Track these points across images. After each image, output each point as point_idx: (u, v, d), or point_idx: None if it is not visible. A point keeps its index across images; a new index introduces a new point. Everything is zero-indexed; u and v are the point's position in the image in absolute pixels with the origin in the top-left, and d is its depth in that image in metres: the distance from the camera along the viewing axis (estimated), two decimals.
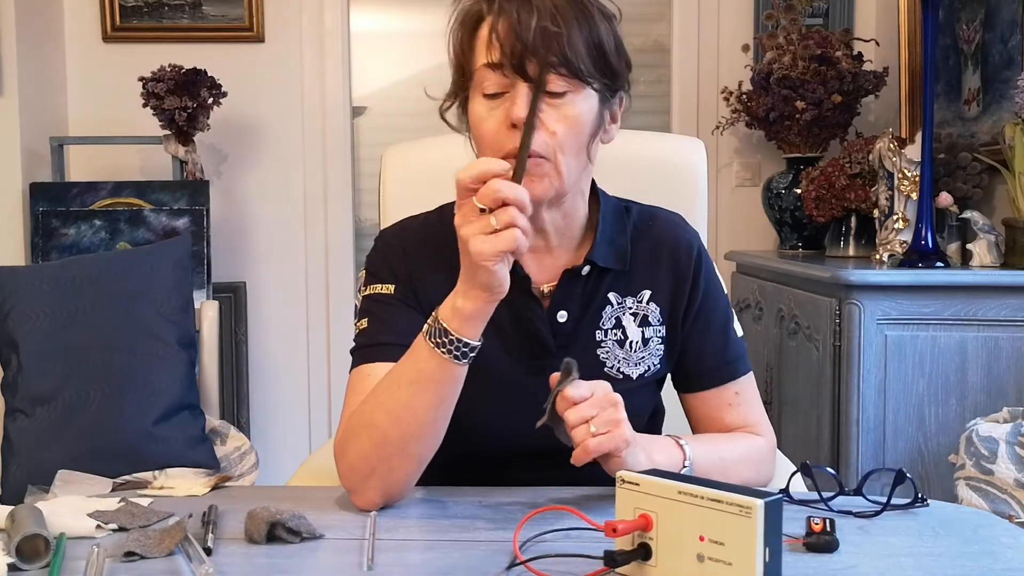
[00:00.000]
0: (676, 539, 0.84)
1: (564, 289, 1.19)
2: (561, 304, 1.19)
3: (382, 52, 3.35)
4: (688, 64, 3.22)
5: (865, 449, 2.04)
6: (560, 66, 1.08)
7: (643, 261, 1.23)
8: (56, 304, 1.38)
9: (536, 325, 1.18)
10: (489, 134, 1.11)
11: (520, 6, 1.08)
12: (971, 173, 2.36)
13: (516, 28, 1.07)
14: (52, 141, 2.95)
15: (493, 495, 1.13)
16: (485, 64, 1.10)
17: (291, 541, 0.97)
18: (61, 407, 1.32)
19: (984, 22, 2.44)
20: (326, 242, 3.24)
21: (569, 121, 1.10)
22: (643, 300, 1.22)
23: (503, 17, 1.09)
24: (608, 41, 1.12)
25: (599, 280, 1.21)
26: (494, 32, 1.09)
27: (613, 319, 1.21)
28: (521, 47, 1.07)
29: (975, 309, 2.02)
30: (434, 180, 1.62)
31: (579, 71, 1.09)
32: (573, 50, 1.08)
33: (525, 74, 1.07)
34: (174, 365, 1.39)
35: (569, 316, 1.19)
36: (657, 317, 1.22)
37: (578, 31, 1.09)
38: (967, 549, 0.96)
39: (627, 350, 1.21)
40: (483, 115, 1.12)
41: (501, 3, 1.10)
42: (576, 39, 1.08)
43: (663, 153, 1.65)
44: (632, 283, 1.22)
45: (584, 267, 1.19)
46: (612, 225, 1.22)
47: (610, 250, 1.21)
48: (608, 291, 1.21)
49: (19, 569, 0.91)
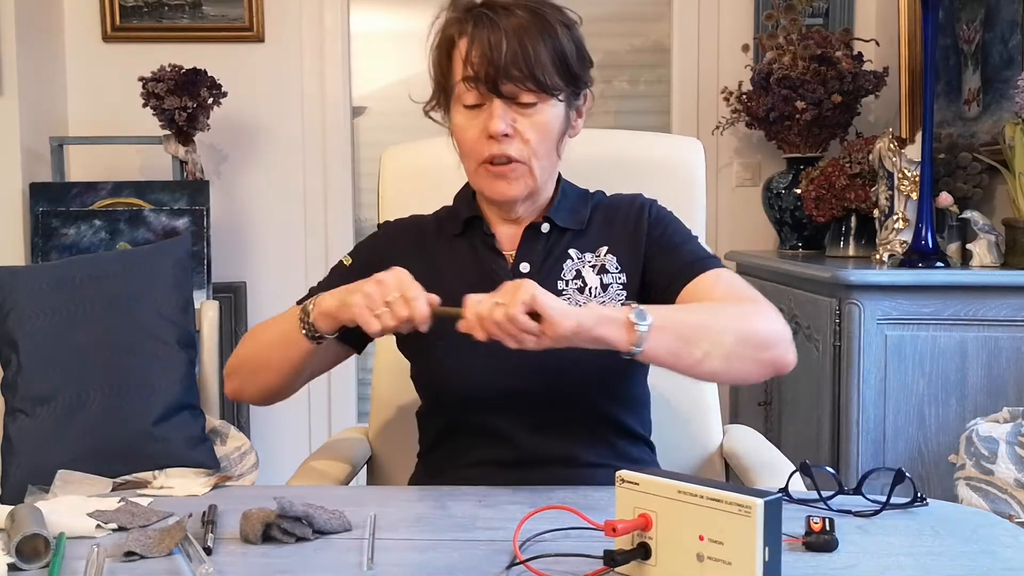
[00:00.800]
0: (676, 538, 0.84)
1: (526, 245, 1.34)
2: (524, 258, 1.33)
3: (382, 52, 3.35)
4: (688, 64, 3.22)
5: (865, 449, 2.04)
6: (529, 82, 1.22)
7: (600, 224, 1.36)
8: (56, 304, 1.38)
9: (499, 276, 1.28)
10: (469, 142, 1.28)
11: (490, 30, 1.22)
12: (971, 173, 2.36)
13: (487, 53, 1.21)
14: (52, 141, 2.95)
15: (493, 495, 1.13)
16: (462, 79, 1.25)
17: (286, 541, 0.97)
18: (61, 407, 1.32)
19: (984, 22, 2.44)
20: (326, 242, 3.24)
21: (539, 127, 1.26)
22: (600, 254, 1.33)
23: (475, 42, 1.23)
24: (571, 50, 1.26)
25: (559, 239, 1.34)
26: (468, 56, 1.23)
27: (573, 271, 1.32)
28: (493, 70, 1.22)
29: (975, 309, 2.02)
30: (433, 180, 1.62)
31: (545, 86, 1.24)
32: (540, 67, 1.22)
33: (499, 92, 1.23)
34: (174, 365, 1.38)
35: (531, 268, 1.32)
36: (615, 265, 1.32)
37: (543, 47, 1.23)
38: (966, 548, 0.96)
39: (587, 295, 1.31)
40: (464, 125, 1.28)
41: (472, 27, 1.24)
42: (542, 55, 1.23)
43: (662, 154, 1.65)
44: (590, 241, 1.34)
45: (543, 224, 1.34)
46: (574, 199, 1.37)
47: (568, 215, 1.35)
48: (568, 248, 1.33)
49: (19, 569, 0.91)
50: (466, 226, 1.36)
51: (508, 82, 1.22)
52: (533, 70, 1.22)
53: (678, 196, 1.58)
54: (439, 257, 1.35)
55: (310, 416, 3.28)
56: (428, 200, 1.46)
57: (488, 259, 1.33)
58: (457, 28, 1.26)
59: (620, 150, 1.66)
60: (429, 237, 1.38)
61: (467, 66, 1.24)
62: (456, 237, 1.36)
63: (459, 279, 1.30)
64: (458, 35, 1.26)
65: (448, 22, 1.28)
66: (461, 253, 1.35)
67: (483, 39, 1.22)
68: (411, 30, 3.37)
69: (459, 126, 1.29)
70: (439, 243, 1.37)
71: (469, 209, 1.36)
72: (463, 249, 1.36)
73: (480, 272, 1.32)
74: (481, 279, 1.30)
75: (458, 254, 1.35)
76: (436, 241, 1.37)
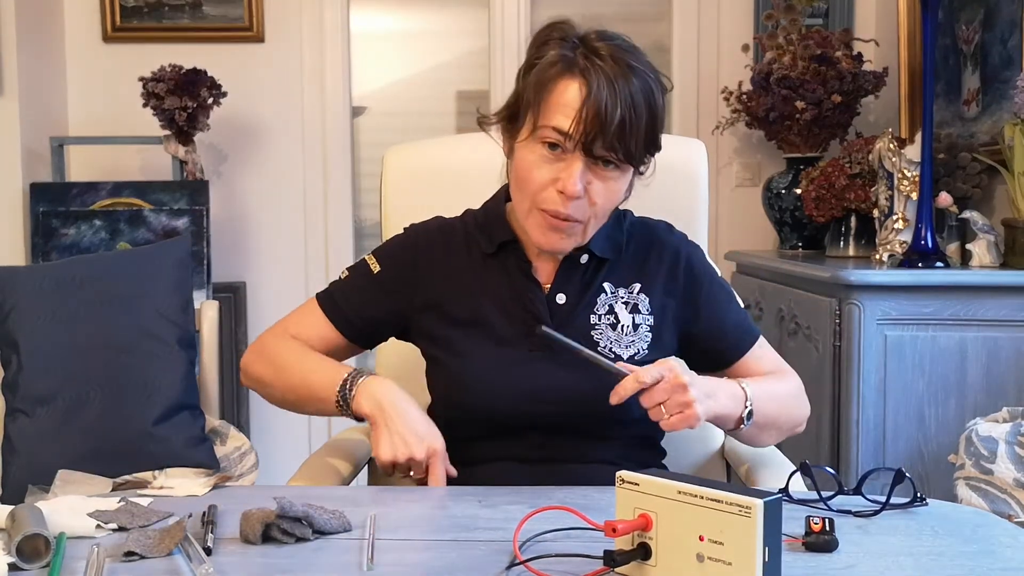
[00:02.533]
0: (676, 539, 0.84)
1: (563, 275, 1.32)
2: (560, 288, 1.31)
3: (382, 52, 3.35)
4: (688, 64, 3.22)
5: (865, 449, 2.04)
6: (622, 154, 1.19)
7: (634, 257, 1.35)
8: (56, 304, 1.38)
9: (536, 306, 1.30)
10: (534, 184, 1.22)
11: (608, 93, 1.16)
12: (971, 173, 2.36)
13: (601, 116, 1.16)
14: (52, 141, 2.95)
15: (493, 495, 1.13)
16: (555, 127, 1.19)
17: (286, 541, 0.97)
18: (61, 407, 1.32)
19: (984, 22, 2.45)
20: (326, 242, 3.24)
21: (610, 194, 1.23)
22: (634, 291, 1.33)
23: (590, 100, 1.17)
24: (660, 120, 1.22)
25: (595, 271, 1.33)
26: (580, 113, 1.17)
27: (607, 306, 1.32)
28: (596, 134, 1.17)
29: (975, 309, 2.02)
30: (435, 181, 1.63)
31: (634, 159, 1.21)
32: (636, 139, 1.19)
33: (590, 153, 1.19)
34: (174, 365, 1.38)
35: (567, 299, 1.31)
36: (646, 307, 1.32)
37: (646, 121, 1.19)
38: (966, 548, 0.96)
39: (619, 333, 1.30)
40: (535, 165, 1.22)
41: (591, 80, 1.17)
42: (640, 127, 1.19)
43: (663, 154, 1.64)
44: (624, 276, 1.33)
45: (582, 255, 1.32)
46: (610, 224, 1.33)
47: (607, 242, 1.33)
48: (603, 281, 1.32)
49: (19, 569, 0.91)
50: (499, 248, 1.33)
51: (603, 148, 1.18)
52: (630, 145, 1.19)
53: (679, 196, 1.58)
54: (471, 275, 1.33)
55: (310, 416, 3.28)
56: (430, 200, 1.46)
57: (523, 286, 1.31)
58: (567, 70, 1.19)
59: None
60: (459, 250, 1.35)
61: (574, 122, 1.17)
62: (488, 256, 1.34)
63: (491, 301, 1.31)
64: (567, 78, 1.19)
65: (558, 58, 1.20)
66: (494, 275, 1.33)
67: (599, 101, 1.16)
68: (411, 30, 3.38)
69: (530, 164, 1.22)
70: (470, 259, 1.34)
71: (504, 232, 1.33)
72: (495, 270, 1.33)
73: (513, 297, 1.31)
74: (514, 304, 1.30)
75: (491, 275, 1.33)
76: (467, 256, 1.35)
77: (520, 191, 1.25)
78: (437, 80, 3.32)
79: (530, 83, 1.22)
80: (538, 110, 1.21)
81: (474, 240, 1.35)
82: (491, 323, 1.30)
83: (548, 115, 1.20)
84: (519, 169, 1.25)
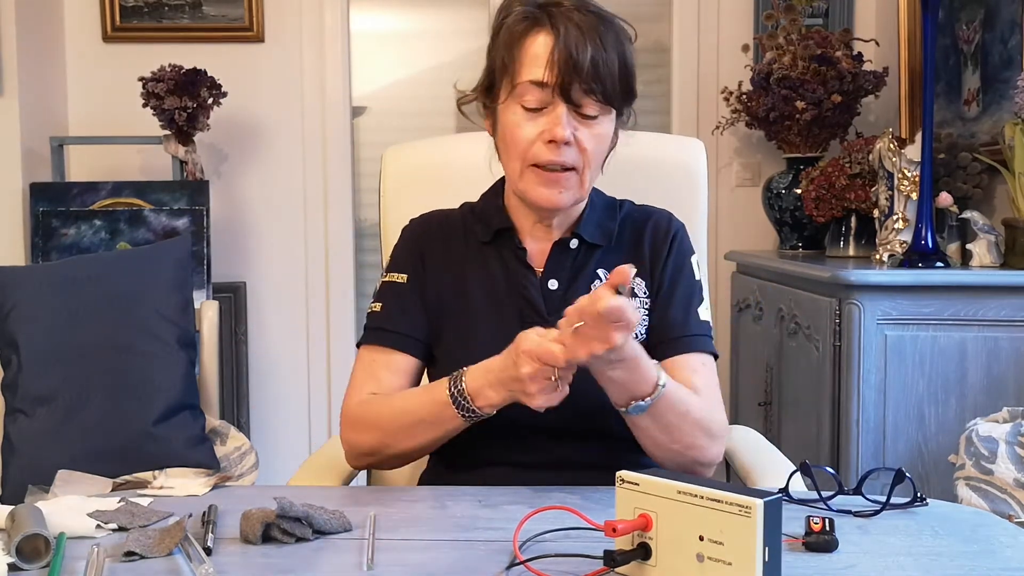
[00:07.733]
0: (676, 539, 0.84)
1: (555, 260, 1.32)
2: (552, 274, 1.31)
3: (382, 52, 3.35)
4: (688, 64, 3.22)
5: (865, 449, 2.04)
6: (600, 94, 1.21)
7: (629, 241, 1.34)
8: (56, 304, 1.38)
9: (529, 291, 1.30)
10: (523, 142, 1.23)
11: (576, 35, 1.19)
12: (971, 173, 2.36)
13: (573, 58, 1.18)
14: (52, 141, 2.95)
15: (493, 495, 1.13)
16: (531, 81, 1.21)
17: (286, 541, 0.97)
18: (61, 407, 1.32)
19: (984, 22, 2.45)
20: (326, 242, 3.24)
21: (598, 139, 1.24)
22: None
23: (560, 43, 1.19)
24: (632, 66, 1.24)
25: (588, 256, 1.32)
26: (551, 57, 1.19)
27: None
28: (572, 77, 1.19)
29: (975, 309, 2.02)
30: (434, 180, 1.63)
31: (612, 100, 1.23)
32: (611, 79, 1.21)
33: (569, 99, 1.20)
34: (174, 365, 1.39)
35: (560, 284, 1.30)
36: (643, 290, 1.32)
37: (616, 60, 1.21)
38: (966, 548, 0.96)
39: None
40: (520, 123, 1.23)
41: (558, 27, 1.20)
42: (614, 68, 1.21)
43: (663, 153, 1.65)
44: (619, 262, 1.27)
45: (572, 240, 1.32)
46: (601, 211, 1.35)
47: (597, 229, 1.33)
48: (597, 267, 1.32)
49: (19, 569, 0.91)
50: (495, 236, 1.34)
51: (581, 91, 1.20)
52: (606, 84, 1.21)
53: (680, 196, 1.58)
54: (466, 263, 1.34)
55: (310, 416, 3.28)
56: (429, 200, 1.46)
57: (517, 272, 1.31)
58: (533, 24, 1.22)
59: (622, 149, 1.65)
60: (456, 239, 1.36)
61: (547, 68, 1.19)
62: (484, 245, 1.34)
63: (485, 288, 1.31)
64: (534, 32, 1.22)
65: (522, 16, 1.23)
66: (488, 262, 1.33)
67: (569, 42, 1.19)
68: (411, 30, 3.38)
69: (513, 125, 1.24)
70: (467, 248, 1.35)
71: (500, 220, 1.34)
72: (490, 258, 1.34)
73: (508, 284, 1.31)
74: (509, 291, 1.30)
75: (485, 262, 1.34)
76: (464, 245, 1.35)
77: (510, 154, 1.26)
78: (437, 80, 3.32)
79: (500, 45, 1.25)
80: (512, 69, 1.23)
81: (471, 229, 1.36)
82: (489, 322, 1.29)
83: (522, 71, 1.22)
84: (505, 132, 1.26)
